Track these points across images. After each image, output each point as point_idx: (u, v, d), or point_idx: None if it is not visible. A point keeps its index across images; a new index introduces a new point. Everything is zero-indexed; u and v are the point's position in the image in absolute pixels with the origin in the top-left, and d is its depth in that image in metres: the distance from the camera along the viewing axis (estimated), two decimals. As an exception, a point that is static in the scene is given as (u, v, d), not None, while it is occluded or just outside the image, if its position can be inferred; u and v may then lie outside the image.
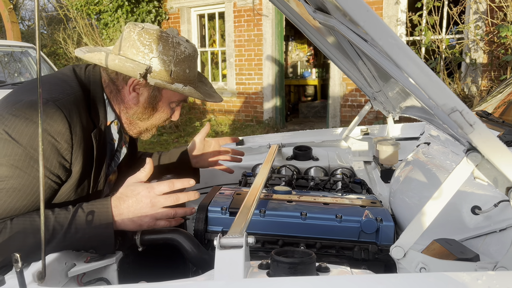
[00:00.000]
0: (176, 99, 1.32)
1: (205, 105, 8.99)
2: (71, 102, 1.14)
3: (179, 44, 1.25)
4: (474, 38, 5.45)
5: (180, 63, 1.25)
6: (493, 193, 1.01)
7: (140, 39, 1.21)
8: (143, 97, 1.28)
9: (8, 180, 1.03)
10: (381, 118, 6.39)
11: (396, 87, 1.55)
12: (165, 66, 1.22)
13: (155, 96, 1.28)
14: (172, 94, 1.30)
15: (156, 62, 1.21)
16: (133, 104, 1.29)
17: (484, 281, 0.68)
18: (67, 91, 1.17)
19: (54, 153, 1.09)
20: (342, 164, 1.98)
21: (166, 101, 1.31)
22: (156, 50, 1.21)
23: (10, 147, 1.03)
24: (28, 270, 0.92)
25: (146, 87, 1.26)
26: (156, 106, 1.31)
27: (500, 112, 1.65)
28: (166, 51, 1.22)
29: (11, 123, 1.05)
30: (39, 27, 0.77)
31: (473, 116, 0.69)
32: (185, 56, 1.26)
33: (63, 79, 1.22)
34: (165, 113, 1.34)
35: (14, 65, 6.15)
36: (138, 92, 1.27)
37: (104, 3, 8.79)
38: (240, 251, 0.81)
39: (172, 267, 1.42)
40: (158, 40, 1.22)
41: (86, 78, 1.25)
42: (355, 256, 1.16)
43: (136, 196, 1.10)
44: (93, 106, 1.23)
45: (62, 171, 1.12)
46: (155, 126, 1.38)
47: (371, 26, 0.67)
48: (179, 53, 1.24)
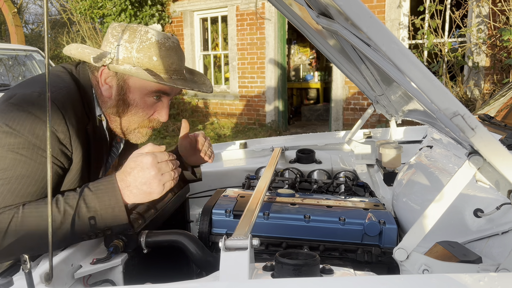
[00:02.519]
0: (147, 90, 1.24)
1: (208, 108, 9.01)
2: (64, 95, 1.16)
3: (147, 33, 1.22)
4: (477, 42, 5.45)
5: (144, 49, 1.21)
6: (496, 196, 1.02)
7: (112, 32, 1.24)
8: (113, 89, 1.25)
9: (16, 168, 1.05)
10: (383, 121, 6.39)
11: (398, 91, 1.56)
12: (127, 53, 1.21)
13: (121, 86, 1.24)
14: (141, 85, 1.23)
15: (120, 50, 1.21)
16: (107, 97, 1.27)
17: (486, 282, 0.69)
18: (60, 85, 1.19)
19: (55, 140, 1.11)
20: (345, 167, 1.99)
21: (137, 93, 1.24)
22: (121, 39, 1.22)
23: (12, 137, 1.06)
24: (36, 271, 0.93)
25: (114, 78, 1.24)
26: (126, 98, 1.25)
27: (503, 116, 1.66)
28: (131, 39, 1.21)
29: (9, 115, 1.07)
30: (47, 31, 0.78)
31: (474, 120, 0.70)
32: (150, 43, 1.21)
33: (57, 74, 1.25)
34: (140, 108, 1.26)
35: (18, 69, 6.18)
36: (109, 84, 1.25)
37: (108, 7, 8.84)
38: (245, 253, 0.82)
39: (176, 269, 1.43)
40: (126, 30, 1.23)
41: (77, 74, 1.27)
42: (359, 259, 1.17)
43: (141, 165, 1.11)
44: (86, 100, 1.24)
45: (64, 158, 1.14)
46: (137, 125, 1.30)
47: (374, 32, 0.68)
48: (144, 39, 1.21)
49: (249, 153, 2.20)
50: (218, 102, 8.86)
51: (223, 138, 7.68)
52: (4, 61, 6.06)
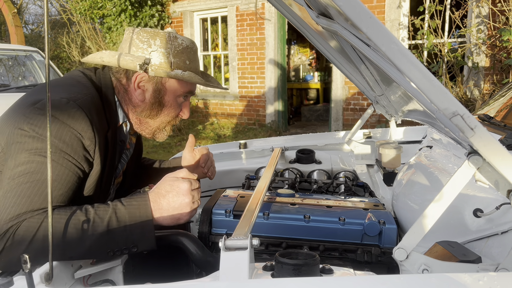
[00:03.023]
0: (181, 91, 1.33)
1: (208, 109, 9.01)
2: (89, 102, 1.19)
3: (176, 38, 1.29)
4: (476, 42, 5.46)
5: (179, 54, 1.28)
6: (495, 196, 1.02)
7: (138, 37, 1.27)
8: (148, 93, 1.30)
9: (43, 171, 1.06)
10: (383, 121, 6.39)
11: (398, 91, 1.57)
12: (164, 58, 1.26)
13: (159, 90, 1.30)
14: (176, 87, 1.31)
15: (155, 56, 1.26)
16: (140, 101, 1.31)
17: (486, 282, 0.69)
18: (84, 91, 1.21)
19: (80, 146, 1.13)
20: (345, 167, 1.99)
21: (171, 94, 1.32)
22: (154, 45, 1.26)
23: (39, 142, 1.07)
24: (36, 272, 0.93)
25: (149, 82, 1.28)
26: (163, 101, 1.32)
27: (502, 116, 1.66)
28: (164, 44, 1.27)
29: (35, 121, 1.09)
30: (48, 32, 0.78)
31: (474, 120, 0.71)
32: (183, 47, 1.30)
33: (78, 80, 1.26)
34: (173, 108, 1.34)
35: (18, 69, 6.18)
36: (143, 89, 1.29)
37: (108, 7, 8.85)
38: (245, 253, 0.82)
39: (176, 269, 1.44)
40: (155, 36, 1.27)
41: (97, 80, 1.29)
42: (358, 259, 1.17)
43: (177, 190, 1.13)
44: (107, 107, 1.27)
45: (86, 164, 1.16)
46: (166, 124, 1.38)
47: (374, 32, 0.68)
48: (176, 45, 1.28)
49: (249, 153, 2.20)
50: (218, 102, 8.86)
51: (223, 138, 7.68)
52: (4, 61, 6.06)
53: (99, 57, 1.27)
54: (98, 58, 1.27)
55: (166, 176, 1.17)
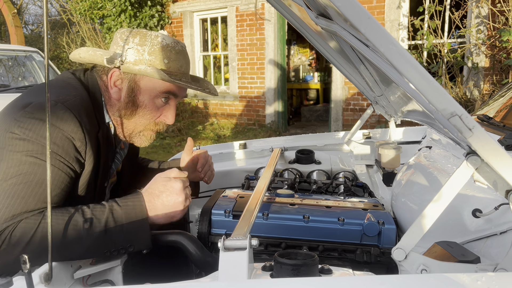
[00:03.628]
0: (158, 91, 1.26)
1: (208, 109, 9.02)
2: (78, 104, 1.18)
3: (157, 36, 1.26)
4: (476, 42, 5.46)
5: (156, 52, 1.24)
6: (494, 196, 1.03)
7: (121, 36, 1.27)
8: (123, 91, 1.26)
9: (36, 172, 1.06)
10: (383, 122, 6.39)
11: (397, 92, 1.57)
12: (139, 55, 1.23)
13: (132, 88, 1.25)
14: (151, 86, 1.25)
15: (131, 53, 1.24)
16: (116, 100, 1.28)
17: (484, 282, 0.69)
18: (73, 93, 1.20)
19: (71, 148, 1.13)
20: (344, 167, 1.99)
21: (146, 94, 1.26)
22: (132, 42, 1.24)
23: (29, 144, 1.07)
24: (35, 272, 0.93)
25: (124, 80, 1.25)
26: (136, 100, 1.26)
27: (502, 116, 1.66)
28: (142, 42, 1.24)
29: (26, 124, 1.09)
30: (47, 32, 0.78)
31: (472, 121, 0.71)
32: (162, 46, 1.25)
33: (67, 81, 1.26)
34: (148, 110, 1.28)
35: (18, 69, 6.18)
36: (119, 87, 1.27)
37: (108, 7, 8.85)
38: (244, 253, 0.82)
39: (176, 269, 1.44)
40: (136, 34, 1.26)
41: (85, 81, 1.29)
42: (357, 259, 1.17)
43: (171, 190, 1.14)
44: (97, 107, 1.26)
45: (78, 165, 1.16)
46: (144, 128, 1.31)
47: (373, 33, 0.68)
48: (155, 43, 1.24)
49: (248, 153, 2.20)
50: (218, 102, 8.87)
51: (223, 138, 7.69)
52: (4, 61, 6.06)
53: (78, 53, 1.27)
54: (76, 54, 1.27)
55: (157, 176, 1.18)
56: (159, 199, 1.13)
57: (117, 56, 1.23)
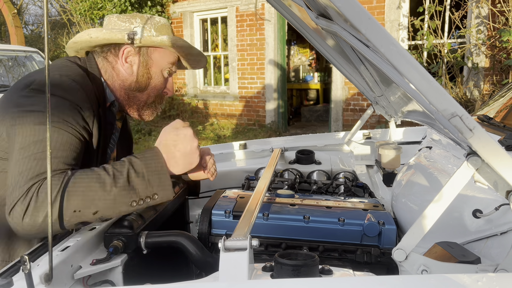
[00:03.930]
0: (166, 62, 1.37)
1: (208, 109, 9.02)
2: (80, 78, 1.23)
3: (153, 17, 1.37)
4: (476, 43, 5.46)
5: (159, 29, 1.35)
6: (494, 197, 1.03)
7: (119, 19, 1.35)
8: (135, 65, 1.35)
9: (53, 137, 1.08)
10: (383, 122, 6.39)
11: (398, 92, 1.57)
12: (147, 32, 1.33)
13: (146, 61, 1.35)
14: (161, 58, 1.36)
15: (139, 30, 1.32)
16: (129, 75, 1.35)
17: (484, 282, 0.69)
18: (73, 69, 1.26)
19: (79, 117, 1.16)
20: (344, 168, 1.99)
21: (157, 66, 1.37)
22: (135, 22, 1.34)
23: (40, 115, 1.10)
24: (35, 272, 0.93)
25: (136, 55, 1.34)
26: (150, 72, 1.36)
27: (502, 117, 1.66)
28: (144, 21, 1.34)
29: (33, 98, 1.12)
30: (47, 32, 0.78)
31: (472, 121, 0.71)
32: (161, 24, 1.37)
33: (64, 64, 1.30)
34: (159, 81, 1.39)
35: (18, 69, 6.19)
36: (130, 63, 1.35)
37: (108, 8, 8.86)
38: (244, 254, 0.82)
39: (176, 270, 1.44)
40: (134, 16, 1.36)
41: (83, 64, 1.33)
42: (358, 259, 1.17)
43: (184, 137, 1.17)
44: (96, 87, 1.30)
45: (86, 134, 1.19)
46: (154, 99, 1.41)
47: (373, 33, 0.68)
48: (155, 22, 1.36)
49: (248, 154, 2.20)
50: (218, 103, 8.87)
51: (223, 139, 7.68)
52: (4, 62, 6.07)
53: (87, 34, 1.31)
54: (86, 35, 1.31)
55: (165, 128, 1.21)
56: (176, 148, 1.16)
57: (133, 32, 1.30)
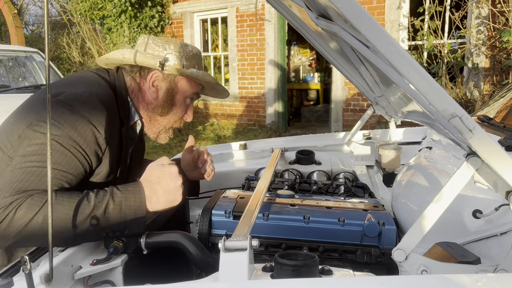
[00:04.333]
0: (190, 92, 1.41)
1: (208, 109, 9.02)
2: (108, 97, 1.25)
3: (187, 46, 1.41)
4: (476, 43, 5.46)
5: (190, 59, 1.39)
6: (494, 197, 1.03)
7: (154, 42, 1.38)
8: (161, 91, 1.37)
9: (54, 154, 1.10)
10: (383, 122, 6.39)
11: (398, 92, 1.57)
12: (178, 60, 1.36)
13: (172, 88, 1.38)
14: (187, 87, 1.40)
15: (170, 57, 1.36)
16: (153, 99, 1.38)
17: (484, 283, 0.69)
18: (103, 85, 1.28)
19: (93, 140, 1.17)
20: (344, 168, 1.99)
21: (182, 94, 1.40)
22: (169, 48, 1.37)
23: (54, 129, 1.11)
24: (36, 272, 0.93)
25: (164, 81, 1.37)
26: (174, 99, 1.39)
27: (502, 117, 1.66)
28: (177, 48, 1.37)
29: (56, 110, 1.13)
30: (48, 33, 0.79)
31: (472, 122, 0.71)
32: (193, 54, 1.41)
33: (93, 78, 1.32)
34: (181, 108, 1.42)
35: (18, 70, 6.19)
36: (157, 87, 1.37)
37: (108, 8, 8.86)
38: (244, 254, 0.82)
39: (176, 270, 1.44)
40: (169, 42, 1.39)
41: (112, 81, 1.35)
42: (358, 260, 1.17)
43: (169, 174, 1.18)
44: (121, 105, 1.32)
45: (95, 158, 1.20)
46: (173, 124, 1.44)
47: (373, 34, 0.68)
48: (188, 51, 1.40)
49: (248, 154, 2.20)
50: (218, 103, 8.87)
51: (223, 139, 7.69)
52: (4, 62, 6.06)
53: (121, 54, 1.34)
54: (119, 55, 1.34)
55: (150, 164, 1.22)
56: (159, 185, 1.17)
57: (166, 59, 1.34)
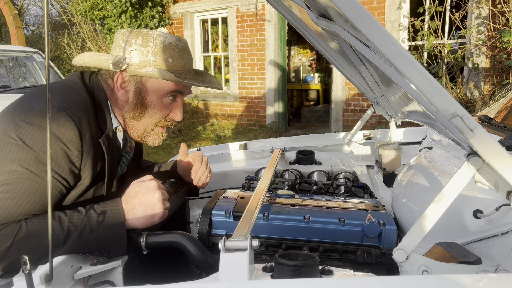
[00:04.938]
0: (165, 91, 1.27)
1: (208, 110, 9.01)
2: (81, 110, 1.17)
3: (159, 36, 1.26)
4: (476, 43, 5.46)
5: (159, 52, 1.25)
6: (495, 197, 1.02)
7: (122, 38, 1.26)
8: (130, 93, 1.27)
9: (23, 183, 1.06)
10: (383, 122, 6.39)
11: (398, 92, 1.57)
12: (143, 57, 1.24)
13: (139, 90, 1.26)
14: (159, 86, 1.26)
15: (135, 55, 1.24)
16: (124, 102, 1.28)
17: (485, 283, 0.69)
18: (76, 100, 1.19)
19: (65, 159, 1.12)
20: (344, 168, 1.99)
21: (154, 94, 1.27)
22: (135, 44, 1.24)
23: (24, 153, 1.06)
24: (36, 273, 0.93)
25: (131, 82, 1.26)
26: (145, 101, 1.27)
27: (502, 117, 1.66)
28: (145, 43, 1.24)
29: (24, 130, 1.08)
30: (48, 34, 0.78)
31: (473, 121, 0.71)
32: (164, 45, 1.25)
33: (72, 87, 1.25)
34: (157, 109, 1.29)
35: (18, 70, 6.19)
36: (125, 89, 1.27)
37: (108, 8, 8.86)
38: (244, 254, 0.82)
39: (176, 270, 1.44)
40: (138, 35, 1.26)
41: (91, 86, 1.28)
42: (358, 260, 1.17)
43: (146, 188, 1.15)
44: (100, 113, 1.25)
45: (71, 176, 1.15)
46: (154, 127, 1.32)
47: (373, 33, 0.68)
48: (157, 43, 1.25)
49: (249, 154, 2.20)
50: (218, 103, 8.87)
51: (223, 139, 7.68)
52: (5, 62, 6.07)
53: (81, 59, 1.27)
54: (80, 60, 1.27)
55: (133, 182, 1.19)
56: (136, 199, 1.14)
57: (122, 59, 1.23)
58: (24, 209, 1.06)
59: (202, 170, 1.54)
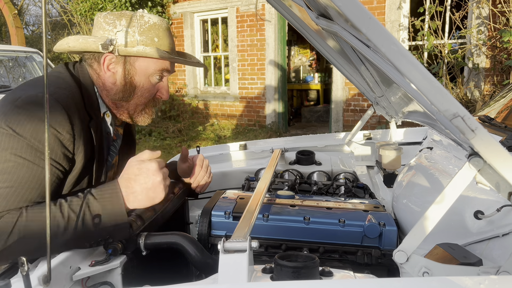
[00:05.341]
0: (152, 70, 1.29)
1: (208, 110, 9.01)
2: (67, 96, 1.17)
3: (143, 16, 1.28)
4: (477, 43, 5.45)
5: (146, 32, 1.27)
6: (496, 198, 1.02)
7: (105, 20, 1.27)
8: (118, 74, 1.28)
9: (19, 171, 1.06)
10: (383, 122, 6.39)
11: (398, 92, 1.56)
12: (130, 37, 1.25)
13: (128, 70, 1.27)
14: (146, 65, 1.28)
15: (121, 36, 1.25)
16: (112, 84, 1.29)
17: (487, 285, 0.69)
18: (62, 86, 1.20)
19: (57, 144, 1.12)
20: (345, 168, 1.99)
21: (142, 74, 1.28)
22: (120, 25, 1.25)
23: (15, 141, 1.06)
24: (34, 274, 0.92)
25: (118, 63, 1.27)
26: (133, 82, 1.29)
27: (503, 117, 1.65)
28: (130, 23, 1.26)
29: (13, 118, 1.08)
30: (46, 32, 0.78)
31: (474, 122, 0.70)
32: (149, 25, 1.28)
33: (57, 75, 1.26)
34: (146, 89, 1.31)
35: (18, 70, 6.19)
36: (113, 71, 1.28)
37: (108, 8, 8.85)
38: (244, 255, 0.81)
39: (175, 271, 1.43)
40: (121, 16, 1.27)
41: (76, 72, 1.28)
42: (358, 261, 1.17)
43: (146, 172, 1.13)
44: (88, 98, 1.25)
45: (65, 161, 1.15)
46: (144, 107, 1.34)
47: (374, 33, 0.68)
48: (142, 23, 1.27)
49: (248, 154, 2.19)
50: (218, 103, 8.86)
51: (223, 139, 7.68)
52: (5, 62, 6.07)
53: (66, 43, 1.26)
54: (64, 44, 1.26)
55: (130, 160, 1.17)
56: (136, 182, 1.12)
57: (108, 41, 1.23)
58: (24, 197, 1.06)
59: (202, 175, 1.54)
